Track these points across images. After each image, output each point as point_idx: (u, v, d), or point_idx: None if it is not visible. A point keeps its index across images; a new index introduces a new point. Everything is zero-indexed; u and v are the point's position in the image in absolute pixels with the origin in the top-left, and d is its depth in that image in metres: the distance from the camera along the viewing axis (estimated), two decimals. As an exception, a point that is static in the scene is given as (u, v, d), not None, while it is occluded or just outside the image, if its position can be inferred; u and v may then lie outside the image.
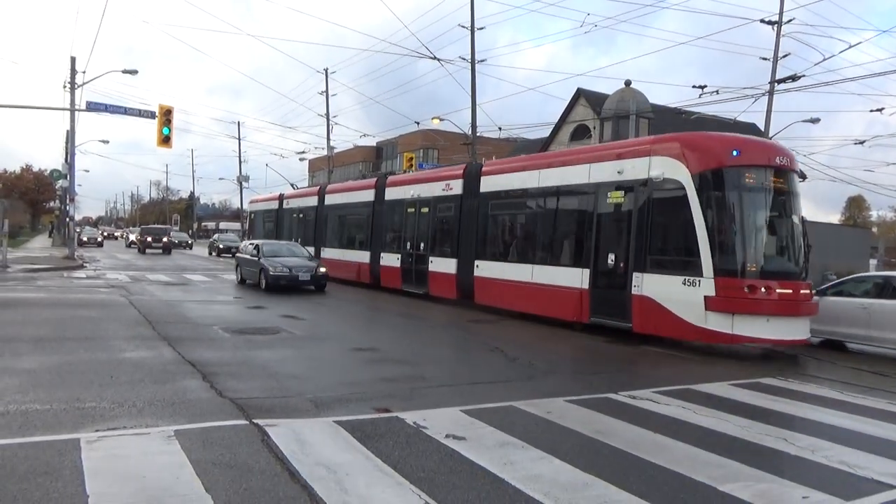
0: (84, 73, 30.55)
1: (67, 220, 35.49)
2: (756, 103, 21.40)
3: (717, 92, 19.32)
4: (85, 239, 47.52)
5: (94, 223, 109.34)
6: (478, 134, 29.57)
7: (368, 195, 21.59)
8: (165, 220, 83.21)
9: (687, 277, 10.44)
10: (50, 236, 59.91)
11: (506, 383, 7.93)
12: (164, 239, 41.33)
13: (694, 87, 19.64)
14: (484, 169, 16.30)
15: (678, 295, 10.49)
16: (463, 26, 28.60)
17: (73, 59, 29.34)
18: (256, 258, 19.13)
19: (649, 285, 10.99)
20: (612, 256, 11.85)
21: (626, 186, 11.67)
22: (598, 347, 11.29)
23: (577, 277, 12.51)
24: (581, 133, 34.24)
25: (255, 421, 5.70)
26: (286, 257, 19.12)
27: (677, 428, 6.05)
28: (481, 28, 28.85)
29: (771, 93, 20.59)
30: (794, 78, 18.14)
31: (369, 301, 17.72)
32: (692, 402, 7.09)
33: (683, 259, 10.65)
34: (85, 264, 27.14)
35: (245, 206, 32.61)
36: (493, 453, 5.08)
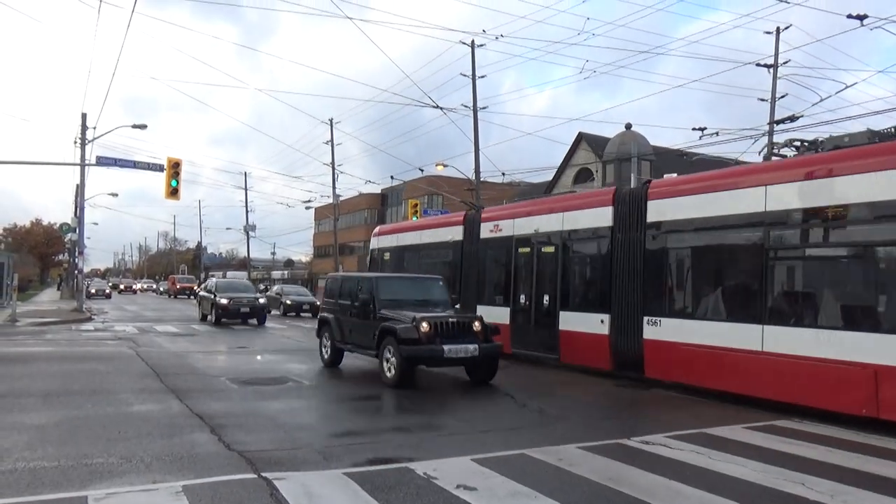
0: (94, 128, 31.15)
1: (76, 272, 35.74)
2: (756, 144, 21.76)
3: (716, 133, 19.51)
4: (93, 291, 47.75)
5: (103, 275, 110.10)
6: (482, 179, 29.92)
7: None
8: (173, 271, 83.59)
9: None
10: (58, 289, 60.23)
11: (517, 430, 7.84)
12: None
13: (694, 129, 19.82)
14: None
15: None
16: (464, 75, 29.26)
17: (83, 116, 30.05)
18: None
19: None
20: None
21: None
22: (608, 391, 11.17)
23: None
24: (584, 177, 34.56)
25: (263, 474, 5.64)
26: None
27: (691, 473, 5.95)
28: (482, 76, 29.49)
29: (770, 133, 20.80)
30: (792, 119, 18.33)
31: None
32: (706, 446, 6.98)
33: None
34: (93, 317, 27.22)
35: (372, 242, 21.77)
36: (504, 503, 5.00)
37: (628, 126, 30.67)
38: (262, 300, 24.88)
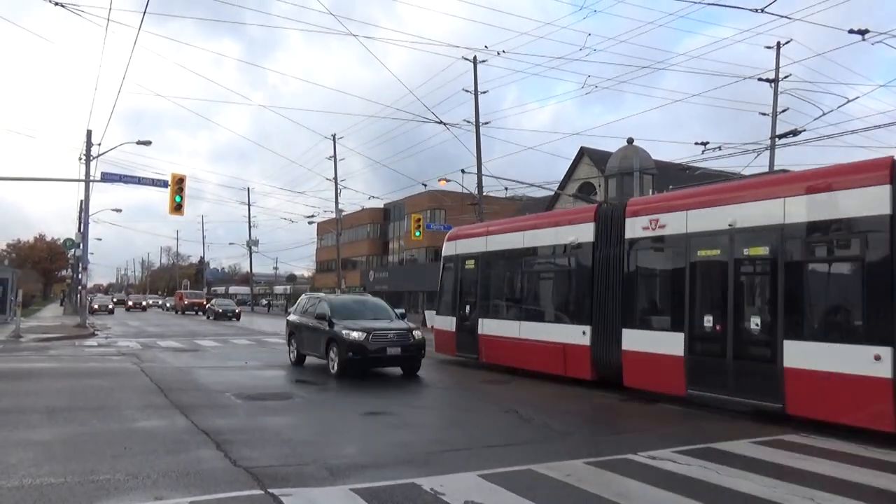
0: (99, 144, 31.32)
1: (80, 288, 35.79)
2: (759, 157, 21.89)
3: (719, 148, 19.61)
4: (96, 307, 47.77)
5: (105, 290, 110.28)
6: (484, 193, 30.02)
7: None
8: (176, 286, 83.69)
9: None
10: (61, 305, 60.28)
11: (523, 446, 7.81)
12: None
13: (696, 143, 19.93)
14: None
15: None
16: (467, 90, 29.47)
17: (89, 133, 30.13)
18: None
19: None
20: None
21: None
22: (612, 406, 11.13)
23: None
24: (587, 191, 34.65)
25: (269, 490, 5.63)
26: None
27: (699, 489, 5.92)
28: (484, 92, 29.67)
29: (772, 148, 20.91)
30: (794, 133, 18.43)
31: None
32: (714, 461, 6.95)
33: None
34: (96, 332, 27.22)
35: (444, 250, 18.22)
36: (513, 520, 4.97)
37: (630, 140, 30.79)
38: (417, 332, 14.47)
